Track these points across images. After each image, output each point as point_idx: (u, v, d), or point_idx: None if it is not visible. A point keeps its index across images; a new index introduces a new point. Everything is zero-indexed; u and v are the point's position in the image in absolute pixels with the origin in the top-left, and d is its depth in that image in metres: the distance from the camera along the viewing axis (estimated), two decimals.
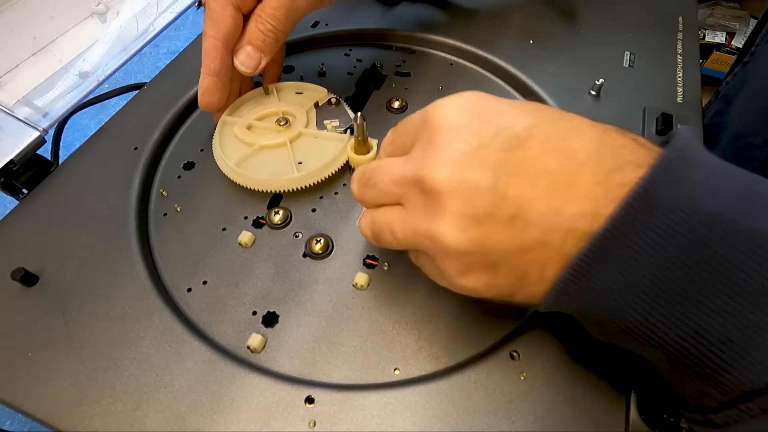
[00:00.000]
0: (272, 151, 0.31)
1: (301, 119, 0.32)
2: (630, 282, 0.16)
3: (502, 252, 0.18)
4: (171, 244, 0.29)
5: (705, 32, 1.34)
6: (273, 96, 0.35)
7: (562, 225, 0.17)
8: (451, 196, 0.18)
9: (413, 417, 0.22)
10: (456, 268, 0.19)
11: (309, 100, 0.34)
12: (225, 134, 0.32)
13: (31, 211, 0.30)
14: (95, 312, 0.26)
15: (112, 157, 0.33)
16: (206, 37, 0.29)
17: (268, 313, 0.26)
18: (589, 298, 0.17)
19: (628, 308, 0.16)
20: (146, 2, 0.43)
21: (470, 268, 0.19)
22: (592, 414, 0.22)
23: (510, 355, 0.24)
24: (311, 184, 0.30)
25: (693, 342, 0.16)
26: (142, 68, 0.56)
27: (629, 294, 0.16)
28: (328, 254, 0.28)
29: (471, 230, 0.18)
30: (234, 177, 0.30)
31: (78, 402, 0.23)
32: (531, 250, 0.18)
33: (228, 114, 0.33)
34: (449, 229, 0.18)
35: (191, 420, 0.22)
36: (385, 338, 0.25)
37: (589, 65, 0.38)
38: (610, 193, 0.16)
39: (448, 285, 0.21)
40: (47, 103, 0.35)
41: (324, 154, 0.31)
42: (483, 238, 0.18)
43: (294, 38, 0.40)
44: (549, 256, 0.18)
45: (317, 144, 0.32)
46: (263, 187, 0.30)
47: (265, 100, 0.34)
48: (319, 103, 0.34)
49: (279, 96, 0.35)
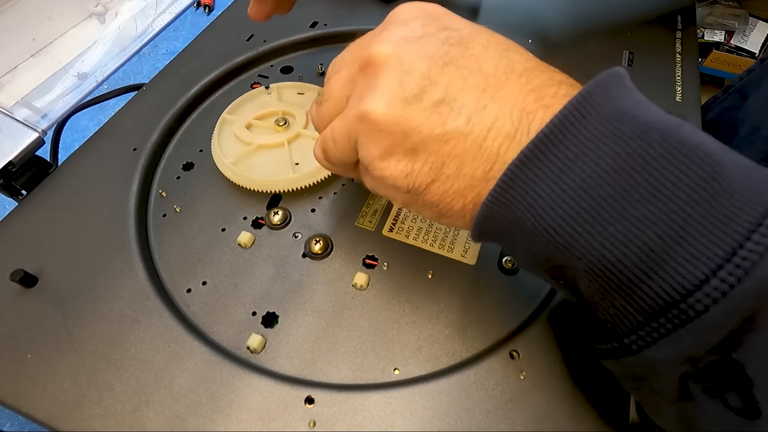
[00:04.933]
0: (269, 151, 0.31)
1: (300, 120, 0.32)
2: (560, 188, 0.16)
3: (423, 136, 0.18)
4: (170, 244, 0.29)
5: (704, 31, 1.34)
6: (274, 96, 0.35)
7: (486, 120, 0.17)
8: (386, 71, 0.18)
9: (413, 417, 0.22)
10: (378, 149, 0.19)
11: (309, 101, 0.34)
12: (224, 133, 0.32)
13: (30, 212, 0.30)
14: (95, 313, 0.26)
15: (112, 158, 0.33)
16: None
17: (267, 313, 0.26)
18: (521, 204, 0.17)
19: (557, 216, 0.16)
20: (145, 3, 0.43)
21: (390, 151, 0.19)
22: (592, 414, 0.22)
23: (510, 354, 0.24)
24: (310, 184, 0.30)
25: (614, 251, 0.15)
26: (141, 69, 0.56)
27: (559, 201, 0.16)
28: (328, 254, 0.28)
29: (396, 108, 0.18)
30: (233, 177, 0.30)
31: (78, 403, 0.23)
32: (452, 140, 0.18)
33: (228, 113, 0.33)
34: (377, 103, 0.18)
35: (191, 420, 0.22)
36: (385, 338, 0.25)
37: (588, 64, 0.38)
38: (541, 101, 0.17)
39: (371, 178, 0.20)
40: (46, 104, 0.35)
41: None
42: (407, 117, 0.18)
43: (294, 38, 0.40)
44: (467, 151, 0.18)
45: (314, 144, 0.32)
46: (262, 188, 0.30)
47: (265, 100, 0.34)
48: None
49: (280, 96, 0.35)
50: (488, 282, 0.27)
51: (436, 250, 0.28)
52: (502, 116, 0.17)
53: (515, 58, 0.19)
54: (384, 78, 0.18)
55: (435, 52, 0.18)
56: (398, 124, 0.18)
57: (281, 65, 0.39)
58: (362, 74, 0.19)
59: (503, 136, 0.17)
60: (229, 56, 0.38)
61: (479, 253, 0.28)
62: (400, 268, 0.28)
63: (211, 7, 0.63)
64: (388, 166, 0.19)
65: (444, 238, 0.29)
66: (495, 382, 0.23)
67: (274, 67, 0.39)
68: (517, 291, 0.27)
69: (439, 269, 0.28)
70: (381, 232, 0.29)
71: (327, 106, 0.22)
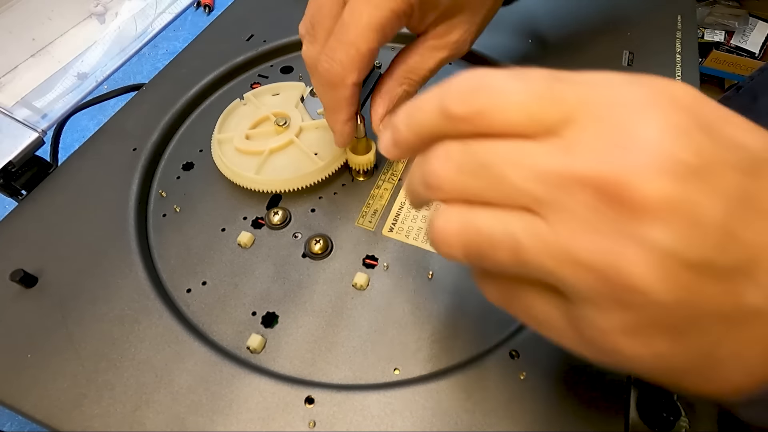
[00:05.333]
0: (284, 152, 0.31)
1: (295, 116, 0.32)
2: None
3: (704, 314, 0.12)
4: (170, 244, 0.29)
5: (704, 31, 1.34)
6: (252, 104, 0.34)
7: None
8: (660, 219, 0.11)
9: (413, 417, 0.22)
10: (621, 322, 0.13)
11: (292, 97, 0.34)
12: (225, 152, 0.31)
13: (30, 212, 0.30)
14: (95, 313, 0.26)
15: (111, 158, 0.33)
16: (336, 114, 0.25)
17: (267, 313, 0.26)
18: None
19: None
20: (145, 3, 0.43)
21: (645, 328, 0.13)
22: (592, 414, 0.22)
23: (510, 354, 0.24)
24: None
25: None
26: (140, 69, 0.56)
27: None
28: (328, 254, 0.28)
29: (682, 278, 0.12)
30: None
31: (78, 403, 0.23)
32: (743, 323, 0.12)
33: (218, 133, 0.32)
34: (649, 267, 0.12)
35: (191, 420, 0.22)
36: (385, 338, 0.25)
37: (588, 64, 0.38)
38: None
39: (581, 342, 0.14)
40: (46, 104, 0.35)
41: (332, 140, 0.30)
42: (694, 292, 0.12)
43: (294, 38, 0.40)
44: (759, 337, 0.13)
45: (322, 134, 0.32)
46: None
47: (247, 111, 0.34)
48: (304, 96, 0.34)
49: (259, 102, 0.34)
50: None
51: None
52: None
53: None
54: (657, 227, 0.12)
55: (730, 190, 0.12)
56: (680, 301, 0.12)
57: (281, 65, 0.39)
58: (602, 203, 0.12)
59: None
60: (229, 56, 0.38)
61: None
62: (400, 268, 0.28)
63: (211, 7, 0.63)
64: (634, 344, 0.13)
65: None
66: (495, 382, 0.23)
67: (274, 67, 0.39)
68: None
69: (440, 269, 0.28)
70: (381, 232, 0.29)
71: (484, 187, 0.14)
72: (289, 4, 0.42)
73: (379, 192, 0.31)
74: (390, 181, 0.32)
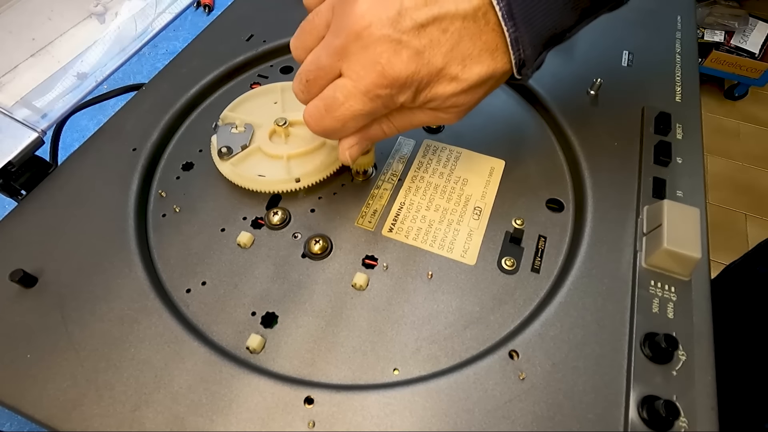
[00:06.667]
0: None
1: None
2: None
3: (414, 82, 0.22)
4: (170, 245, 0.29)
5: (704, 31, 1.34)
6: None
7: None
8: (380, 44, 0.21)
9: (413, 417, 0.22)
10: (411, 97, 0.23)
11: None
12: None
13: (29, 212, 0.30)
14: (94, 313, 0.26)
15: (111, 158, 0.33)
16: None
17: (267, 313, 0.26)
18: None
19: None
20: (145, 3, 0.43)
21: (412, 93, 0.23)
22: (592, 414, 0.22)
23: (509, 354, 0.24)
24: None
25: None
26: (140, 69, 0.56)
27: None
28: (327, 254, 0.28)
29: (411, 65, 0.21)
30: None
31: (77, 403, 0.23)
32: None
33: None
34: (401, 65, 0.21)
35: (190, 421, 0.22)
36: (384, 338, 0.25)
37: (588, 64, 0.38)
38: None
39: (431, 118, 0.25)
40: (46, 104, 0.35)
41: None
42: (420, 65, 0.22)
43: None
44: None
45: None
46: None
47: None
48: None
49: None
50: (488, 282, 0.27)
51: (435, 250, 0.28)
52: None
53: None
54: None
55: None
56: None
57: (281, 65, 0.39)
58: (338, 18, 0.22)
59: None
60: (229, 56, 0.38)
61: (479, 253, 0.28)
62: (399, 268, 0.28)
63: (211, 7, 0.63)
64: None
65: (444, 238, 0.29)
66: (494, 382, 0.23)
67: (274, 67, 0.39)
68: (517, 291, 0.27)
69: (439, 269, 0.28)
70: (381, 232, 0.29)
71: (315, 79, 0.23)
72: (289, 4, 0.42)
73: (378, 192, 0.31)
74: (390, 181, 0.32)
